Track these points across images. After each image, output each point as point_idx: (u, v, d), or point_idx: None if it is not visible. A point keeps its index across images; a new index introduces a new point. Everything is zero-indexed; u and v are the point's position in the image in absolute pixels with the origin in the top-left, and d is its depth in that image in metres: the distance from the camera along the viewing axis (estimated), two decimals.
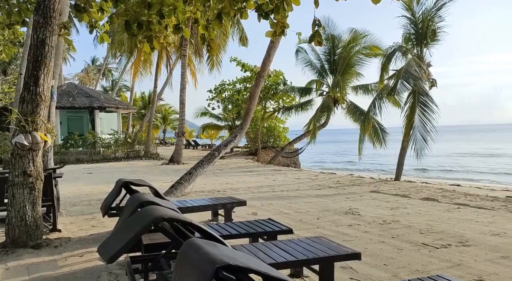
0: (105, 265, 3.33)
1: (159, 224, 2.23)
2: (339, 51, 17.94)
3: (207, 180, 11.06)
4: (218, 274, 1.28)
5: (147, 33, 6.16)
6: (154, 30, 6.25)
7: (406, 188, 9.66)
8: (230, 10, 5.41)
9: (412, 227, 5.23)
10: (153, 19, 6.11)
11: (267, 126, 23.01)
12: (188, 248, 1.55)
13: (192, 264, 1.43)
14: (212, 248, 1.50)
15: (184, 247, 1.58)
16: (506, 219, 5.85)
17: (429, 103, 10.38)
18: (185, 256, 1.53)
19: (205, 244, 1.55)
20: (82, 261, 3.62)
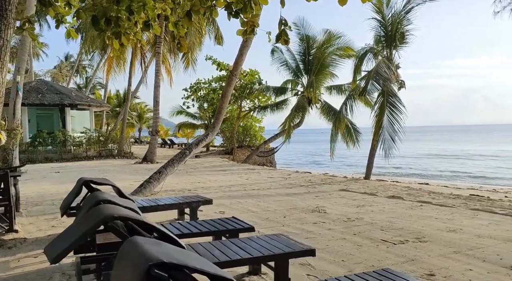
0: (59, 266, 3.27)
1: (109, 223, 2.22)
2: (314, 51, 18.16)
3: (179, 179, 10.98)
4: (150, 272, 1.29)
5: (116, 29, 6.06)
6: (123, 26, 6.16)
7: (374, 187, 9.92)
8: (200, 8, 5.41)
9: (374, 224, 5.39)
10: (122, 15, 6.01)
11: (243, 125, 23.04)
12: (127, 246, 1.56)
13: (128, 262, 1.44)
14: (152, 246, 1.51)
15: (124, 245, 1.59)
16: (464, 216, 6.12)
17: (397, 104, 10.70)
18: (123, 254, 1.54)
19: (145, 242, 1.56)
20: (36, 262, 3.54)
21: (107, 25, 6.22)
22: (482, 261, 3.81)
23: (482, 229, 5.18)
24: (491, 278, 3.34)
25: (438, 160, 34.54)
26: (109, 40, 6.64)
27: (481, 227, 5.30)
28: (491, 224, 5.52)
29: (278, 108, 19.11)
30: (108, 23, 6.21)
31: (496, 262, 3.76)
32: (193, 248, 2.79)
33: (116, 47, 6.89)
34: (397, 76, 11.92)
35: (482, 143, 59.60)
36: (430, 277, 3.35)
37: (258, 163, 21.88)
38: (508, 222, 5.66)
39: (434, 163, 31.72)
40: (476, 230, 5.11)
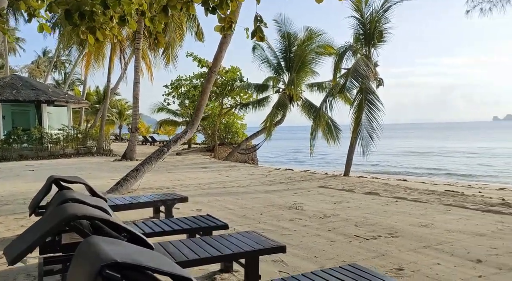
0: (25, 267, 3.19)
1: (71, 223, 2.17)
2: (295, 49, 18.23)
3: (158, 176, 10.87)
4: (102, 272, 1.27)
5: (90, 24, 5.93)
6: (98, 21, 6.03)
7: (352, 183, 10.06)
8: (176, 3, 5.35)
9: (349, 220, 5.47)
10: (97, 9, 5.89)
11: (225, 123, 22.98)
12: (83, 246, 1.53)
13: (82, 263, 1.42)
14: (108, 246, 1.49)
15: (80, 245, 1.56)
16: (437, 212, 6.28)
17: (375, 102, 10.87)
18: (79, 254, 1.51)
19: (102, 242, 1.53)
20: (1, 263, 3.44)
21: (81, 19, 6.07)
22: (450, 255, 3.92)
23: (452, 224, 5.32)
24: (457, 271, 3.44)
25: (417, 157, 35.31)
26: (84, 35, 6.50)
27: (452, 222, 5.45)
28: (461, 219, 5.68)
29: (259, 105, 19.13)
30: (82, 18, 6.06)
31: (463, 256, 3.87)
32: (162, 247, 2.77)
33: (91, 42, 6.74)
34: (375, 74, 12.10)
35: (460, 141, 61.29)
36: (399, 271, 3.43)
37: (240, 160, 21.88)
38: (478, 217, 5.84)
39: (413, 160, 32.42)
40: (447, 225, 5.25)
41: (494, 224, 5.33)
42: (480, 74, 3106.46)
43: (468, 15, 6.57)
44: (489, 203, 7.37)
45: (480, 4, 6.30)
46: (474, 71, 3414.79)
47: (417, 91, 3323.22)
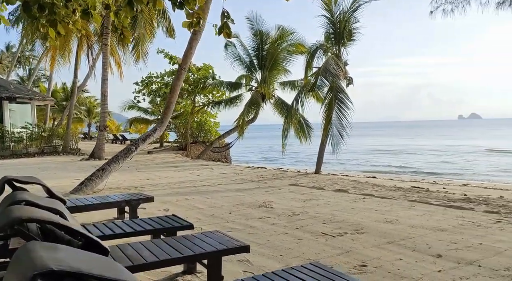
0: None
1: (15, 227, 2.04)
2: (267, 47, 18.24)
3: (127, 176, 10.59)
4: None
5: (51, 17, 5.66)
6: (59, 14, 5.76)
7: (323, 181, 10.18)
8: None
9: (317, 218, 5.50)
10: (58, 1, 5.63)
11: (198, 121, 22.72)
12: (20, 253, 1.43)
13: (15, 270, 1.31)
14: (46, 252, 1.39)
15: (17, 252, 1.45)
16: (402, 208, 6.43)
17: (345, 100, 11.03)
18: (15, 261, 1.41)
19: (41, 247, 1.43)
20: None
21: (41, 12, 5.79)
22: (412, 250, 4.01)
23: (416, 220, 5.46)
24: (418, 266, 3.52)
25: (385, 155, 36.29)
26: (44, 29, 6.20)
27: (415, 218, 5.60)
28: (425, 215, 5.85)
29: (232, 103, 19.03)
30: (41, 10, 5.77)
31: (425, 251, 3.97)
32: (120, 250, 2.66)
33: (52, 36, 6.45)
34: (345, 72, 12.29)
35: (427, 139, 63.55)
36: (362, 267, 3.47)
37: (213, 158, 21.71)
38: (440, 212, 6.03)
39: (382, 158, 33.30)
40: (411, 221, 5.38)
41: (455, 219, 5.51)
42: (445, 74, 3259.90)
43: (431, 16, 6.76)
44: (452, 198, 7.63)
45: (443, 5, 6.50)
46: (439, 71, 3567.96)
47: (385, 90, 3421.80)
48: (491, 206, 6.83)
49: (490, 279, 3.22)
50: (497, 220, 5.53)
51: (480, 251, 3.99)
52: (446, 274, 3.34)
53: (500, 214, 5.97)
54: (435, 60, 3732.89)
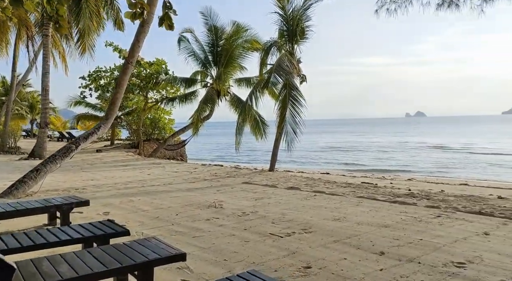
0: None
1: None
2: (223, 43, 17.96)
3: (70, 176, 9.94)
4: None
5: None
6: None
7: (276, 178, 10.17)
8: None
9: (266, 217, 5.41)
10: None
11: (151, 118, 21.93)
12: None
13: None
14: None
15: None
16: (350, 204, 6.53)
17: (299, 97, 11.09)
18: None
19: None
20: None
21: None
22: (357, 248, 4.02)
23: (362, 216, 5.55)
24: (361, 265, 3.52)
25: (341, 151, 37.41)
26: None
27: (362, 214, 5.68)
28: (371, 211, 5.96)
29: (187, 100, 18.54)
30: None
31: (369, 249, 4.00)
32: (34, 265, 2.35)
33: None
34: (299, 70, 12.36)
35: (379, 135, 66.46)
36: (307, 270, 3.40)
37: (167, 157, 21.09)
38: (386, 208, 6.18)
39: (337, 155, 34.27)
40: (357, 218, 5.45)
41: (399, 215, 5.67)
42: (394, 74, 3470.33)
43: (376, 15, 6.91)
44: (397, 194, 7.90)
45: (387, 4, 6.66)
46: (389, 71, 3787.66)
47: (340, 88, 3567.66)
48: (432, 200, 7.14)
49: (429, 276, 3.27)
50: (437, 214, 5.76)
51: (421, 247, 4.09)
52: (387, 272, 3.36)
53: (440, 209, 6.23)
54: (386, 60, 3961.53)
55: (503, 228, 4.92)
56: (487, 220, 5.35)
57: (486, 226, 4.99)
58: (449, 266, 3.51)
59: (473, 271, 3.39)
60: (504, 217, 5.57)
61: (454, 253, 3.89)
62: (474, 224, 5.18)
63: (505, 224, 5.17)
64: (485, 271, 3.37)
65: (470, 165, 24.03)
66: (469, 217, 5.62)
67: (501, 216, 5.64)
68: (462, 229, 4.90)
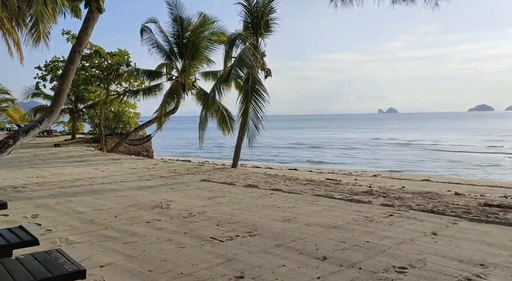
0: None
1: None
2: (188, 34, 17.39)
3: (14, 173, 9.26)
4: None
5: None
6: None
7: (236, 175, 9.88)
8: None
9: (213, 219, 5.11)
10: None
11: (115, 111, 21.09)
12: None
13: None
14: None
15: None
16: (305, 203, 6.33)
17: (261, 92, 10.81)
18: None
19: None
20: None
21: None
22: (299, 253, 3.79)
23: (314, 216, 5.35)
24: (299, 273, 3.28)
25: (312, 148, 37.66)
26: None
27: (314, 214, 5.48)
28: (325, 210, 5.78)
29: (150, 93, 17.87)
30: None
31: (311, 253, 3.78)
32: None
33: None
34: (263, 64, 12.07)
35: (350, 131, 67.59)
36: (239, 279, 3.12)
37: (132, 152, 20.36)
38: (340, 207, 6.02)
39: (307, 151, 34.46)
40: (309, 218, 5.24)
41: (351, 214, 5.51)
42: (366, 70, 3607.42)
43: (331, 5, 6.69)
44: (355, 191, 7.79)
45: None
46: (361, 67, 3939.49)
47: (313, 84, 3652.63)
48: (388, 198, 7.06)
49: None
50: (390, 213, 5.64)
51: (366, 250, 3.91)
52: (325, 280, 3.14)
53: (394, 207, 6.13)
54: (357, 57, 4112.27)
55: (451, 228, 4.84)
56: (438, 219, 5.28)
57: (436, 226, 4.91)
58: (390, 271, 3.34)
59: (413, 277, 3.22)
60: (455, 215, 5.52)
61: (398, 256, 3.73)
62: (425, 223, 5.09)
63: (454, 223, 5.10)
64: (425, 277, 3.22)
65: (435, 162, 24.66)
66: (421, 215, 5.54)
67: (452, 214, 5.59)
68: (411, 229, 4.79)
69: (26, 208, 5.34)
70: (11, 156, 13.61)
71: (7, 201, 5.66)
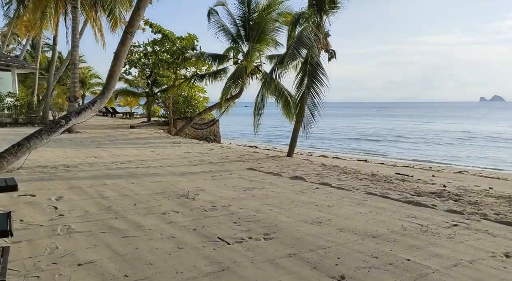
0: None
1: None
2: (255, 16, 16.86)
3: (77, 152, 9.82)
4: None
5: None
6: None
7: (288, 165, 9.24)
8: None
9: (234, 214, 4.60)
10: None
11: (186, 95, 21.67)
12: None
13: None
14: None
15: None
16: (351, 202, 5.48)
17: (320, 76, 9.87)
18: None
19: None
20: None
21: None
22: (312, 267, 3.09)
23: (353, 220, 4.53)
24: None
25: (396, 138, 34.92)
26: None
27: (355, 217, 4.66)
28: (370, 213, 4.91)
29: (216, 77, 17.85)
30: None
31: (327, 269, 3.06)
32: None
33: None
34: (326, 44, 11.04)
35: (443, 121, 61.46)
36: None
37: (201, 135, 20.84)
38: (392, 210, 5.07)
39: (386, 141, 32.01)
40: (346, 222, 4.45)
41: (402, 221, 4.56)
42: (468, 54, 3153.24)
43: None
44: (421, 191, 6.65)
45: None
46: (462, 50, 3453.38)
47: (405, 69, 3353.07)
48: (460, 202, 5.85)
49: None
50: (454, 223, 4.56)
51: (401, 271, 3.06)
52: None
53: (463, 215, 4.99)
54: (459, 39, 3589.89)
55: None
56: None
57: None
58: None
59: None
60: None
61: None
62: (497, 239, 3.96)
63: None
64: None
65: None
66: (495, 228, 4.38)
67: None
68: (475, 246, 3.74)
69: (58, 189, 5.43)
70: (88, 135, 14.73)
71: (49, 179, 5.85)
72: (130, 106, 28.44)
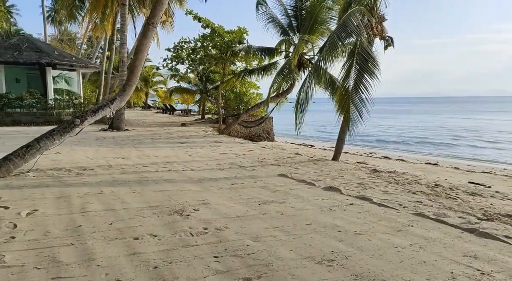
0: None
1: None
2: (308, 5, 15.53)
3: (109, 152, 9.55)
4: None
5: None
6: None
7: (328, 171, 7.94)
8: None
9: (223, 243, 3.58)
10: None
11: (237, 92, 21.04)
12: None
13: None
14: None
15: None
16: (389, 228, 4.16)
17: (370, 68, 8.34)
18: None
19: None
20: None
21: None
22: None
23: (382, 259, 3.26)
24: None
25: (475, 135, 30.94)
26: None
27: (385, 254, 3.38)
28: (412, 247, 3.60)
29: (266, 72, 16.86)
30: None
31: None
32: None
33: None
34: (381, 31, 9.43)
35: None
36: None
37: (253, 134, 20.09)
38: (445, 243, 3.68)
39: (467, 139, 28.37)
40: (369, 261, 3.19)
41: (454, 263, 3.17)
42: None
43: None
44: (493, 213, 5.01)
45: None
46: None
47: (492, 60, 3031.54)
48: None
49: None
50: None
51: None
52: None
53: None
54: None
55: None
56: None
57: None
58: None
59: None
60: None
61: None
62: None
63: None
64: None
65: None
66: None
67: None
68: None
69: (42, 200, 4.89)
70: (134, 133, 14.71)
71: (46, 186, 5.36)
72: (187, 103, 28.75)
